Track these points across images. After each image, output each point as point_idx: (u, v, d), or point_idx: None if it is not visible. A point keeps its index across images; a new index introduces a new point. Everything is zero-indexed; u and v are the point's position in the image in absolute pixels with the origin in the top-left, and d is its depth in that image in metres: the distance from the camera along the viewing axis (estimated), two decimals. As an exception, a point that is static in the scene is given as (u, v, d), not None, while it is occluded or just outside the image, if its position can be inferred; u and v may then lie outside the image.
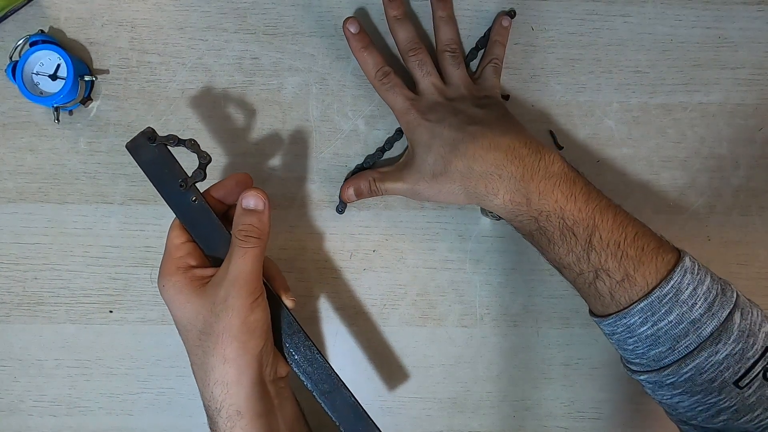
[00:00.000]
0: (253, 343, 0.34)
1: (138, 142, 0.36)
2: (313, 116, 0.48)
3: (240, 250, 0.34)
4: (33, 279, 0.47)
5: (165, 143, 0.36)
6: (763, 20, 0.49)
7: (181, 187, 0.36)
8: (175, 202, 0.37)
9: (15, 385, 0.47)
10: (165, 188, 0.37)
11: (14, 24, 0.47)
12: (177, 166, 0.37)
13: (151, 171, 0.37)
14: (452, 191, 0.42)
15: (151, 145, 0.36)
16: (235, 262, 0.34)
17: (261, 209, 0.36)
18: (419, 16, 0.49)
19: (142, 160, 0.37)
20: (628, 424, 0.49)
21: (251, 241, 0.35)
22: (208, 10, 0.48)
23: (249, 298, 0.34)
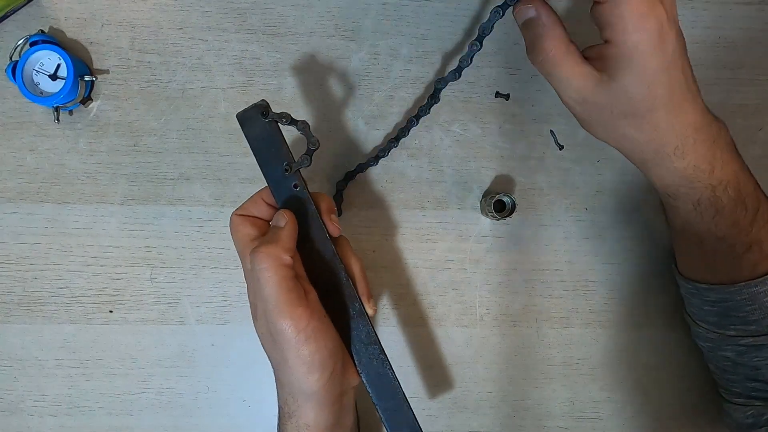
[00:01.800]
0: (315, 375, 0.32)
1: (249, 114, 0.35)
2: (314, 116, 0.48)
3: (254, 273, 0.32)
4: (33, 279, 0.47)
5: (277, 120, 0.35)
6: (763, 20, 0.49)
7: (286, 171, 0.35)
8: (275, 184, 0.35)
9: (15, 385, 0.47)
10: (268, 167, 0.35)
11: (14, 24, 0.47)
12: (285, 147, 0.35)
13: (257, 146, 0.35)
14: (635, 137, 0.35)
15: (263, 119, 0.35)
16: (258, 288, 0.32)
17: (282, 225, 0.34)
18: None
19: (250, 134, 0.35)
20: (628, 424, 0.49)
21: (261, 257, 0.31)
22: (208, 10, 0.48)
23: (292, 331, 0.31)
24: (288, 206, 0.35)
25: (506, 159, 0.49)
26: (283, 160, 0.35)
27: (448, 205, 0.49)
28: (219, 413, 0.48)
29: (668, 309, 0.49)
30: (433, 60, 0.49)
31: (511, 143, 0.49)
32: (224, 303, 0.48)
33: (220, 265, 0.48)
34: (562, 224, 0.49)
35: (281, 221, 0.34)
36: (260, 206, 0.36)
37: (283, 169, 0.35)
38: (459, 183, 0.49)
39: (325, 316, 0.34)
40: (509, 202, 0.46)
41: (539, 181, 0.49)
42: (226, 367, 0.48)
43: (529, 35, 0.35)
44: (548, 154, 0.49)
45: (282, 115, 0.35)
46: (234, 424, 0.48)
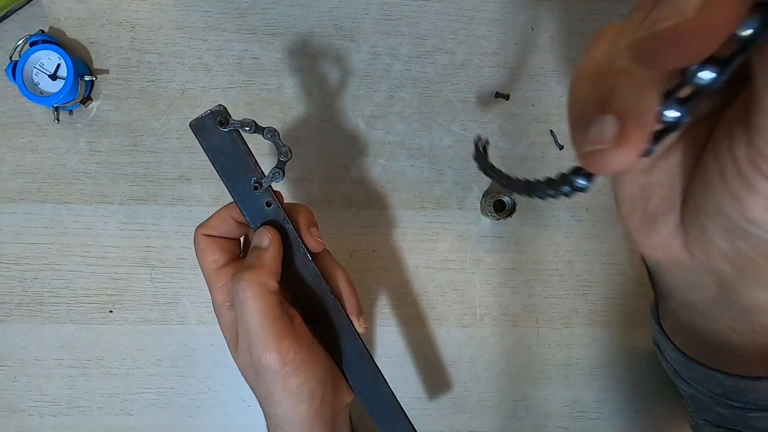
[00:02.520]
0: (304, 406, 0.30)
1: (205, 123, 0.30)
2: (313, 116, 0.48)
3: (238, 302, 0.29)
4: (33, 279, 0.47)
5: (238, 129, 0.30)
6: (763, 20, 0.49)
7: (255, 189, 0.31)
8: (244, 202, 0.31)
9: (15, 385, 0.47)
10: (233, 184, 0.31)
11: (14, 24, 0.47)
12: (251, 161, 0.31)
13: (217, 160, 0.31)
14: None
15: (222, 129, 0.30)
16: (242, 318, 0.29)
17: (265, 246, 0.30)
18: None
19: (208, 146, 0.30)
20: (629, 424, 0.49)
21: (245, 285, 0.29)
22: (208, 10, 0.48)
23: (278, 364, 0.29)
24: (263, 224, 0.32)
25: (506, 159, 0.49)
26: (250, 175, 0.31)
27: (448, 205, 0.49)
28: (219, 413, 0.48)
29: (668, 309, 0.49)
30: (433, 60, 0.49)
31: (511, 143, 0.49)
32: (224, 303, 0.48)
33: (220, 265, 0.48)
34: (562, 224, 0.49)
35: (264, 241, 0.30)
36: (229, 224, 0.32)
37: (251, 186, 0.31)
38: (459, 183, 0.49)
39: (313, 341, 0.32)
40: (509, 202, 0.46)
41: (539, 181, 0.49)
42: (226, 367, 0.48)
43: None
44: (548, 154, 0.49)
45: (244, 122, 0.30)
46: (234, 424, 0.48)
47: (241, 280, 0.29)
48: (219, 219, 0.32)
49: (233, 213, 0.32)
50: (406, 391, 0.49)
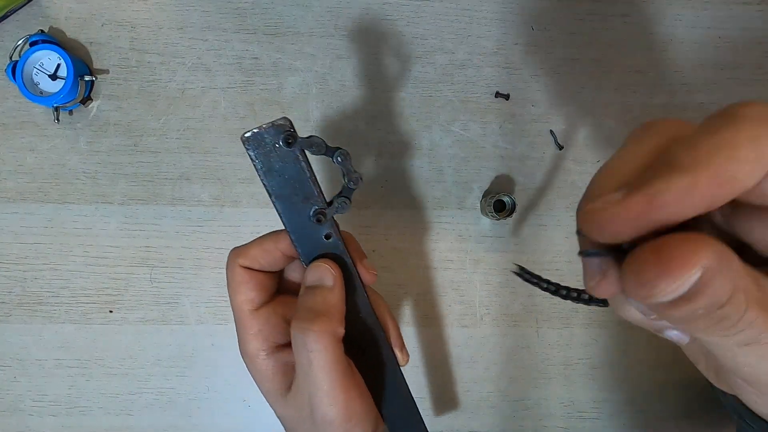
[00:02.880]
0: None
1: (263, 137, 0.25)
2: (313, 116, 0.48)
3: (300, 347, 0.25)
4: (33, 279, 0.47)
5: (305, 148, 0.25)
6: (763, 20, 0.49)
7: (318, 221, 0.26)
8: (299, 232, 0.27)
9: (15, 385, 0.47)
10: (289, 211, 0.26)
11: (14, 24, 0.47)
12: (315, 188, 0.26)
13: (273, 183, 0.26)
14: None
15: (285, 148, 0.25)
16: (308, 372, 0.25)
17: (329, 285, 0.27)
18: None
19: (262, 165, 0.25)
20: (629, 424, 0.49)
21: (315, 338, 0.25)
22: (208, 10, 0.48)
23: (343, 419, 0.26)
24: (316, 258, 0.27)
25: (506, 159, 0.49)
26: (311, 204, 0.26)
27: (448, 205, 0.49)
28: (219, 413, 0.48)
29: (668, 309, 0.49)
30: (433, 60, 0.49)
31: (511, 143, 0.49)
32: (224, 303, 0.48)
33: (220, 265, 0.48)
34: (562, 224, 0.49)
35: (327, 279, 0.27)
36: (274, 257, 0.28)
37: (310, 214, 0.26)
38: (459, 183, 0.49)
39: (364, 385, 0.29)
40: (509, 202, 0.46)
41: (539, 181, 0.49)
42: (226, 367, 0.48)
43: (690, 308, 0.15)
44: (548, 154, 0.49)
45: (313, 141, 0.25)
46: (234, 424, 0.48)
47: (309, 332, 0.25)
48: (262, 250, 0.28)
49: (281, 245, 0.28)
50: (406, 391, 0.49)
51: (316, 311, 0.26)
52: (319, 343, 0.25)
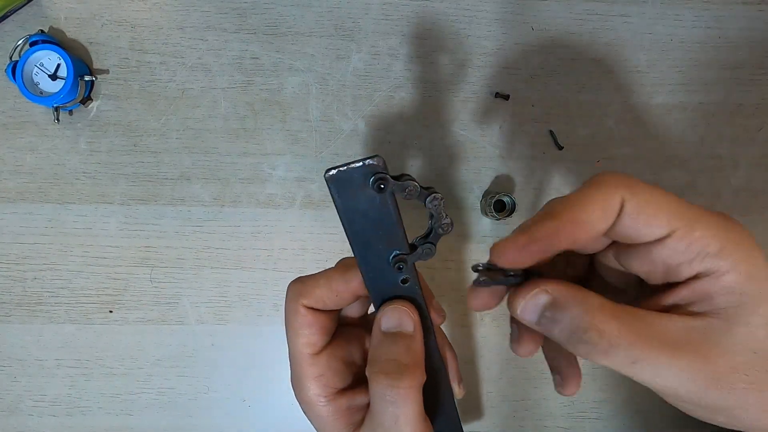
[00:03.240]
0: None
1: (351, 176, 0.22)
2: (313, 116, 0.48)
3: (386, 408, 0.24)
4: (33, 279, 0.47)
5: (396, 191, 0.23)
6: (763, 20, 0.49)
7: (399, 268, 0.24)
8: (375, 279, 0.25)
9: (15, 385, 0.47)
10: (368, 253, 0.24)
11: (14, 24, 0.47)
12: (398, 231, 0.24)
13: (354, 224, 0.23)
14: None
15: (375, 192, 0.22)
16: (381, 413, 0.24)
17: (410, 331, 0.25)
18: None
19: (346, 205, 0.23)
20: (628, 424, 0.49)
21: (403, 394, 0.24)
22: (208, 10, 0.48)
23: None
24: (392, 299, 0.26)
25: (506, 159, 0.49)
26: (394, 245, 0.24)
27: (448, 205, 0.49)
28: (219, 413, 0.48)
29: (668, 309, 0.49)
30: (433, 60, 0.49)
31: (511, 143, 0.49)
32: (224, 303, 0.48)
33: (220, 265, 0.48)
34: (562, 224, 0.49)
35: (408, 326, 0.25)
36: (342, 298, 0.26)
37: (389, 258, 0.24)
38: (459, 183, 0.49)
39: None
40: (509, 202, 0.46)
41: (539, 181, 0.49)
42: (226, 367, 0.48)
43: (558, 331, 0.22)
44: (548, 154, 0.49)
45: (406, 185, 0.23)
46: (234, 424, 0.48)
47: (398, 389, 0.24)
48: (330, 290, 0.26)
49: (353, 285, 0.26)
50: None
51: (400, 363, 0.24)
52: (408, 398, 0.24)
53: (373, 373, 0.24)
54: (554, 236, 0.21)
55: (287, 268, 0.48)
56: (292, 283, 0.27)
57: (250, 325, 0.48)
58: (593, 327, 0.21)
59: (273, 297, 0.48)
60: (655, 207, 0.21)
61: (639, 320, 0.21)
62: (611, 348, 0.21)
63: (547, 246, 0.21)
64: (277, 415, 0.48)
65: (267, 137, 0.48)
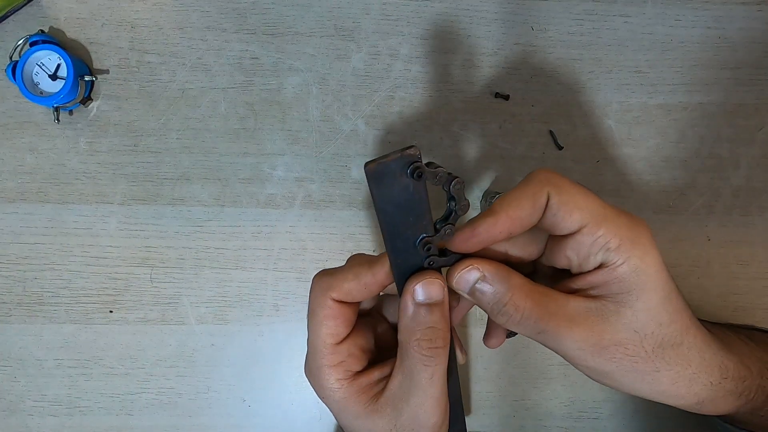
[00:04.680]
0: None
1: (390, 168, 0.24)
2: (313, 116, 0.48)
3: (425, 369, 0.26)
4: (33, 279, 0.47)
5: (429, 179, 0.25)
6: (763, 20, 0.49)
7: (424, 247, 0.26)
8: (401, 258, 0.26)
9: (15, 385, 0.47)
10: (397, 237, 0.26)
11: (14, 24, 0.47)
12: (428, 216, 0.25)
13: (387, 210, 0.25)
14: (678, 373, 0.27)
15: (411, 179, 0.24)
16: (420, 385, 0.27)
17: (441, 299, 0.27)
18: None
19: (382, 194, 0.24)
20: (628, 424, 0.49)
21: (437, 353, 0.26)
22: (208, 10, 0.48)
23: (438, 420, 0.28)
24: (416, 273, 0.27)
25: (506, 159, 0.49)
26: (421, 230, 0.26)
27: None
28: (219, 413, 0.48)
29: (668, 309, 0.49)
30: (433, 60, 0.49)
31: (511, 143, 0.49)
32: (224, 303, 0.48)
33: (220, 265, 0.48)
34: (562, 224, 0.49)
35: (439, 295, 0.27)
36: (370, 291, 0.27)
37: (416, 242, 0.26)
38: (459, 183, 0.49)
39: None
40: (509, 202, 0.45)
41: (539, 181, 0.49)
42: (226, 367, 0.48)
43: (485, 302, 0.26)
44: (548, 154, 0.49)
45: (437, 173, 0.24)
46: (234, 424, 0.48)
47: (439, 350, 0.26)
48: (359, 284, 0.27)
49: (379, 276, 0.27)
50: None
51: (437, 329, 0.26)
52: (443, 358, 0.27)
53: (413, 341, 0.26)
54: (493, 230, 0.25)
55: (287, 268, 0.48)
56: (318, 275, 0.28)
57: (250, 325, 0.48)
58: (511, 302, 0.26)
59: (273, 297, 0.48)
60: (573, 204, 0.25)
61: (549, 299, 0.26)
62: (523, 320, 0.26)
63: (487, 238, 0.26)
64: (277, 415, 0.48)
65: (267, 137, 0.48)
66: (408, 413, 0.27)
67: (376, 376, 0.29)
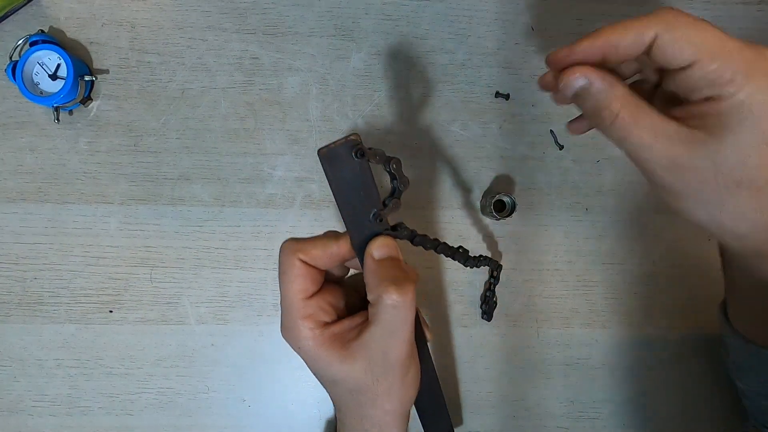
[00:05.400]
0: (410, 394, 0.33)
1: (338, 152, 0.28)
2: (313, 116, 0.48)
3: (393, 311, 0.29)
4: (33, 279, 0.47)
5: (370, 159, 0.29)
6: (763, 20, 0.49)
7: (377, 219, 0.30)
8: (359, 232, 0.30)
9: (15, 385, 0.47)
10: (352, 213, 0.30)
11: (14, 24, 0.47)
12: (375, 192, 0.30)
13: (341, 189, 0.29)
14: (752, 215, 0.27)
15: (355, 159, 0.28)
16: (389, 319, 0.30)
17: (398, 255, 0.31)
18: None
19: (335, 175, 0.29)
20: (628, 424, 0.49)
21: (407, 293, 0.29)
22: (208, 10, 0.48)
23: (407, 359, 0.31)
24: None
25: (506, 159, 0.49)
26: (372, 205, 0.30)
27: (448, 205, 0.49)
28: (219, 413, 0.48)
29: (668, 309, 0.49)
30: (433, 60, 0.49)
31: (511, 143, 0.49)
32: (224, 303, 0.48)
33: (220, 265, 0.48)
34: (562, 224, 0.49)
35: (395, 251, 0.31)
36: (333, 261, 0.31)
37: (371, 218, 0.30)
38: (459, 183, 0.49)
39: None
40: (509, 202, 0.46)
41: (539, 181, 0.49)
42: (226, 367, 0.48)
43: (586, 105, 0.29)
44: (548, 154, 0.49)
45: (376, 152, 0.29)
46: (234, 424, 0.48)
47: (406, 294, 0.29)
48: (326, 254, 0.31)
49: (342, 249, 0.31)
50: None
51: (402, 278, 0.29)
52: (411, 304, 0.29)
53: (382, 288, 0.29)
54: (590, 51, 0.28)
55: (287, 268, 0.48)
56: (287, 240, 0.31)
57: (250, 325, 0.48)
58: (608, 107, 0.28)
59: (273, 297, 0.48)
60: (685, 40, 0.26)
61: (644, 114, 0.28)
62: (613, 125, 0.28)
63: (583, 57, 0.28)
64: (277, 415, 0.48)
65: (267, 137, 0.48)
66: (379, 355, 0.30)
67: (346, 325, 0.31)
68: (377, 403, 0.32)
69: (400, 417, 0.33)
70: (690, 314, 0.49)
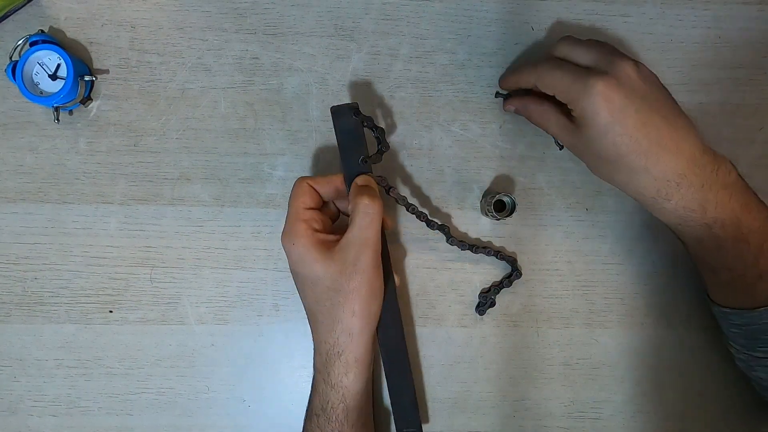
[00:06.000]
0: (376, 303, 0.40)
1: (343, 110, 0.41)
2: (313, 116, 0.48)
3: (365, 216, 0.38)
4: (33, 279, 0.47)
5: (363, 120, 0.41)
6: (763, 20, 0.49)
7: (364, 162, 0.41)
8: (350, 170, 0.41)
9: (15, 385, 0.47)
10: (348, 158, 0.41)
11: (14, 24, 0.47)
12: (364, 143, 0.42)
13: (342, 137, 0.41)
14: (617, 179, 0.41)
15: (354, 117, 0.41)
16: (362, 228, 0.38)
17: (372, 185, 0.41)
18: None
19: (339, 127, 0.41)
20: (628, 424, 0.49)
21: (373, 207, 0.39)
22: (208, 10, 0.48)
23: (375, 265, 0.39)
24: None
25: (506, 159, 0.49)
26: (361, 153, 0.41)
27: (448, 205, 0.49)
28: (219, 413, 0.48)
29: (668, 309, 0.49)
30: (433, 60, 0.49)
31: (511, 143, 0.49)
32: (224, 303, 0.48)
33: (220, 265, 0.48)
34: (562, 224, 0.49)
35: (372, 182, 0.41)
36: (330, 189, 0.41)
37: (360, 161, 0.41)
38: (459, 183, 0.49)
39: None
40: (509, 202, 0.46)
41: (539, 181, 0.49)
42: (226, 367, 0.48)
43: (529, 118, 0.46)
44: (548, 154, 0.49)
45: (368, 117, 0.42)
46: (234, 424, 0.48)
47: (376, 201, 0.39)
48: (327, 182, 0.41)
49: (338, 181, 0.41)
50: (406, 391, 0.49)
51: (373, 197, 0.39)
52: (378, 212, 0.39)
53: (358, 198, 0.39)
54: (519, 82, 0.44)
55: (287, 268, 0.48)
56: (300, 177, 0.42)
57: (250, 325, 0.48)
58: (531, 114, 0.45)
59: (273, 297, 0.48)
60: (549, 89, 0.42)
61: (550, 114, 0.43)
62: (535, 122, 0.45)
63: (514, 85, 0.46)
64: (277, 415, 0.48)
65: (267, 137, 0.48)
66: (352, 258, 0.38)
67: (332, 237, 0.40)
68: (347, 304, 0.38)
69: (366, 327, 0.39)
70: (690, 314, 0.49)
